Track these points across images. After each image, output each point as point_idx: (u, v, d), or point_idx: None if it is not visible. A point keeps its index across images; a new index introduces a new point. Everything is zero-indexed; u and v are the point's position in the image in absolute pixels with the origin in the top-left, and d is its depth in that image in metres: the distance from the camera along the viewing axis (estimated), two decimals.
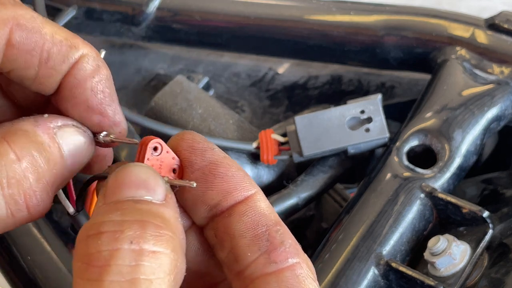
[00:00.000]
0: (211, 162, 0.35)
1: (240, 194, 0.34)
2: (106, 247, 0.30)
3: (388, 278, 0.51)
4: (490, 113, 0.59)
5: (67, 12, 0.71)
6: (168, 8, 0.73)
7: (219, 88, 0.75)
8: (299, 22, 0.69)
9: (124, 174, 0.33)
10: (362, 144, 0.57)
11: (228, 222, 0.34)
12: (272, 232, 0.34)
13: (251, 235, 0.34)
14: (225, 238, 0.34)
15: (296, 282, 0.33)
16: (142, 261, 0.30)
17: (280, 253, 0.33)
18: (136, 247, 0.30)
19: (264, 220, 0.34)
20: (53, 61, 0.36)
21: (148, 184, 0.33)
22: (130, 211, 0.32)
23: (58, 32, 0.36)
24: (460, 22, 0.64)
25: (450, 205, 0.53)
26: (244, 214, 0.34)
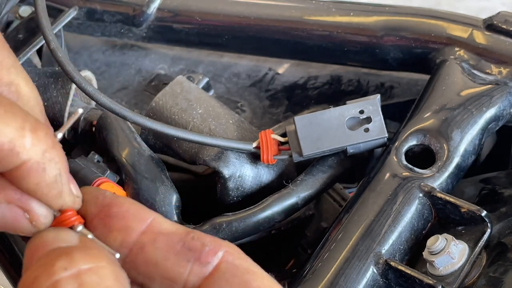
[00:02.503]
0: (104, 205, 0.35)
1: (140, 225, 0.35)
2: (46, 283, 0.31)
3: (387, 277, 0.51)
4: (489, 113, 0.59)
5: (68, 12, 0.72)
6: (169, 9, 0.73)
7: (219, 88, 0.76)
8: (299, 22, 0.69)
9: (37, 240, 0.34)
10: (361, 144, 0.57)
11: (145, 254, 0.35)
12: (189, 242, 0.34)
13: (173, 255, 0.34)
14: (151, 270, 0.35)
15: (235, 268, 0.34)
16: (84, 278, 0.31)
17: (207, 253, 0.34)
18: (73, 270, 0.31)
19: (176, 237, 0.35)
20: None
21: (60, 237, 0.34)
22: (53, 253, 0.33)
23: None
24: (459, 23, 0.64)
25: (449, 205, 0.53)
26: (156, 241, 0.35)
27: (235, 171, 0.58)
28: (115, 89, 0.76)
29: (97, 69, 0.78)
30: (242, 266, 0.34)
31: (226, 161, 0.58)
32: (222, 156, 0.59)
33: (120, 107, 0.56)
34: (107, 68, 0.78)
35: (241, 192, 0.59)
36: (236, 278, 0.34)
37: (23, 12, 0.74)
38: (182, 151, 0.61)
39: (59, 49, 0.58)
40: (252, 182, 0.59)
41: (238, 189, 0.59)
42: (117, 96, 0.75)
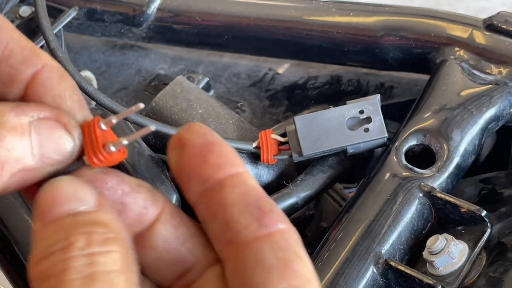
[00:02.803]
0: (209, 141, 0.37)
1: (231, 169, 0.36)
2: (59, 259, 0.32)
3: (387, 277, 0.51)
4: (489, 113, 0.59)
5: (68, 12, 0.72)
6: (169, 9, 0.73)
7: (219, 88, 0.76)
8: (299, 22, 0.69)
9: (53, 190, 0.34)
10: (361, 144, 0.57)
11: (220, 194, 0.36)
12: (262, 202, 0.36)
13: (243, 204, 0.35)
14: (218, 209, 0.36)
15: (286, 244, 0.34)
16: (96, 259, 0.32)
17: (271, 218, 0.35)
18: (87, 251, 0.32)
19: (254, 192, 0.36)
20: (14, 60, 0.36)
21: (78, 196, 0.34)
22: (72, 226, 0.33)
23: (24, 39, 0.37)
24: (459, 23, 0.64)
25: (449, 205, 0.53)
26: (236, 186, 0.36)
27: None
28: (115, 89, 0.76)
29: (97, 69, 0.78)
30: (293, 246, 0.35)
31: None
32: None
33: (120, 107, 0.56)
34: (107, 68, 0.78)
35: None
36: (281, 252, 0.34)
37: (23, 12, 0.74)
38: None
39: (59, 49, 0.58)
40: None
41: None
42: (117, 96, 0.75)
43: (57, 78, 0.37)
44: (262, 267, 0.34)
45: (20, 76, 0.37)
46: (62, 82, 0.37)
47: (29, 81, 0.37)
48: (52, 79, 0.37)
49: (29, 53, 0.37)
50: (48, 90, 0.37)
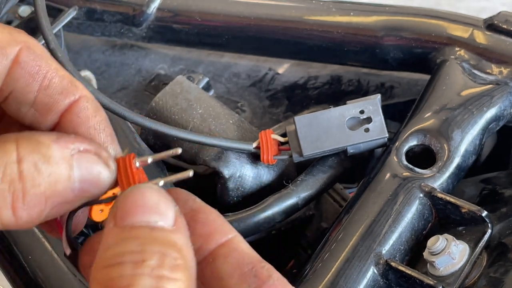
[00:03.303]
0: (192, 209, 0.36)
1: (221, 237, 0.36)
2: (128, 272, 0.31)
3: (388, 277, 0.51)
4: (489, 113, 0.59)
5: (68, 12, 0.72)
6: (169, 9, 0.73)
7: (219, 88, 0.76)
8: (299, 22, 0.69)
9: (136, 196, 0.34)
10: (361, 144, 0.57)
11: (214, 266, 0.35)
12: (258, 268, 0.35)
13: (239, 274, 0.35)
14: (213, 282, 0.35)
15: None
16: (163, 284, 0.31)
17: (269, 286, 0.34)
18: (157, 273, 0.31)
19: (248, 259, 0.35)
20: (52, 90, 0.37)
21: (159, 209, 0.34)
22: (148, 240, 0.33)
23: (62, 69, 0.38)
24: (459, 23, 0.64)
25: (449, 205, 0.53)
26: (229, 256, 0.35)
27: (235, 171, 0.58)
28: (115, 89, 0.76)
29: (97, 69, 0.78)
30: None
31: (226, 161, 0.58)
32: (222, 156, 0.58)
33: (120, 107, 0.56)
34: (107, 68, 0.78)
35: (241, 192, 0.59)
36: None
37: (23, 12, 0.74)
38: (182, 151, 0.61)
39: (58, 49, 0.58)
40: (252, 182, 0.59)
41: (238, 189, 0.59)
42: (117, 96, 0.75)
43: (93, 110, 0.37)
44: None
45: (57, 106, 0.37)
46: (97, 114, 0.38)
47: (65, 110, 0.37)
48: (88, 110, 0.37)
49: (67, 83, 0.37)
50: (83, 121, 0.37)
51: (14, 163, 0.34)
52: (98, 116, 0.38)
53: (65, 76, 0.37)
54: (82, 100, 0.37)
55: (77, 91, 0.37)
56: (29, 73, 0.36)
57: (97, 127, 0.37)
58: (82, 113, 0.37)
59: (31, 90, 0.37)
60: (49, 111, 0.37)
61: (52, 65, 0.37)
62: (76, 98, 0.37)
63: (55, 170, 0.34)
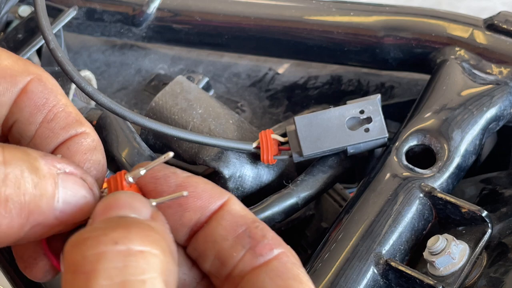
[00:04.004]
0: (178, 185, 0.35)
1: (214, 204, 0.35)
2: (91, 251, 0.29)
3: (388, 277, 0.51)
4: (489, 113, 0.59)
5: (68, 12, 0.72)
6: (168, 9, 0.73)
7: (219, 88, 0.76)
8: (299, 22, 0.69)
9: (110, 199, 0.33)
10: (361, 144, 0.57)
11: (208, 231, 0.35)
12: (252, 229, 0.34)
13: (233, 236, 0.34)
14: (208, 246, 0.35)
15: (285, 270, 0.33)
16: (130, 261, 0.29)
17: (264, 245, 0.34)
18: (122, 247, 0.29)
19: (242, 220, 0.35)
20: (55, 124, 0.36)
21: (133, 205, 0.33)
22: (115, 220, 0.32)
23: (71, 106, 0.37)
24: (459, 23, 0.64)
25: (449, 205, 0.53)
26: (222, 219, 0.35)
27: (235, 171, 0.58)
28: (115, 89, 0.76)
29: (97, 69, 0.78)
30: (292, 270, 0.34)
31: (226, 161, 0.58)
32: (222, 156, 0.58)
33: (120, 107, 0.56)
34: (107, 68, 0.78)
35: (241, 192, 0.59)
36: (280, 280, 0.33)
37: (23, 12, 0.74)
38: (182, 151, 0.61)
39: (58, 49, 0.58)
40: (252, 182, 0.59)
41: (238, 189, 0.59)
42: (117, 96, 0.75)
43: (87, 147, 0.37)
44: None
45: (56, 141, 0.36)
46: (89, 152, 0.37)
47: (62, 143, 0.36)
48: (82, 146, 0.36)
49: (72, 120, 0.37)
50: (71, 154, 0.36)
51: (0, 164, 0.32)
52: (89, 154, 0.37)
53: (72, 113, 0.37)
54: (80, 136, 0.37)
55: (81, 127, 0.37)
56: (35, 104, 0.36)
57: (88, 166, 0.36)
58: (73, 146, 0.36)
59: (33, 121, 0.36)
60: (47, 145, 0.36)
61: (61, 100, 0.37)
62: (76, 133, 0.37)
63: (41, 183, 0.33)
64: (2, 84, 0.35)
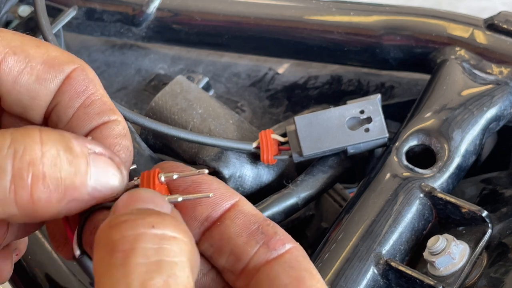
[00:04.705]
0: (193, 181, 0.38)
1: (226, 203, 0.38)
2: (130, 232, 0.32)
3: (388, 277, 0.51)
4: (489, 113, 0.59)
5: (68, 12, 0.72)
6: (168, 9, 0.73)
7: (219, 88, 0.76)
8: (299, 22, 0.69)
9: (132, 194, 0.35)
10: (361, 144, 0.57)
11: (222, 228, 0.37)
12: (264, 226, 0.37)
13: (247, 233, 0.37)
14: (223, 243, 0.37)
15: (297, 262, 0.36)
16: (165, 244, 0.32)
17: (276, 241, 0.36)
18: (158, 231, 0.32)
19: (254, 219, 0.38)
20: (91, 109, 0.39)
21: (155, 201, 0.35)
22: (145, 210, 0.34)
23: (107, 97, 0.40)
24: (460, 23, 0.64)
25: (450, 205, 0.53)
26: (235, 218, 0.38)
27: (235, 171, 0.58)
28: (114, 89, 0.76)
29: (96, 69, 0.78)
30: (303, 263, 0.36)
31: (226, 161, 0.58)
32: (222, 156, 0.58)
33: (120, 107, 0.56)
34: (106, 68, 0.78)
35: (241, 192, 0.59)
36: (293, 271, 0.35)
37: (23, 11, 0.74)
38: (182, 151, 0.61)
39: None
40: (252, 182, 0.59)
41: (238, 189, 0.59)
42: (117, 96, 0.75)
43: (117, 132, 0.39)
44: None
45: (89, 125, 0.39)
46: (119, 137, 0.39)
47: (92, 129, 0.39)
48: (113, 131, 0.39)
49: (107, 108, 0.39)
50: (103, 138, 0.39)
51: (37, 144, 0.34)
52: (119, 139, 0.39)
53: (107, 102, 0.40)
54: (113, 123, 0.39)
55: (114, 115, 0.39)
56: (75, 90, 0.39)
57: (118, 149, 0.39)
58: (105, 131, 0.39)
59: (72, 105, 0.39)
60: (80, 128, 0.39)
61: (99, 90, 0.40)
62: (109, 120, 0.39)
63: (75, 161, 0.35)
64: (52, 72, 0.39)
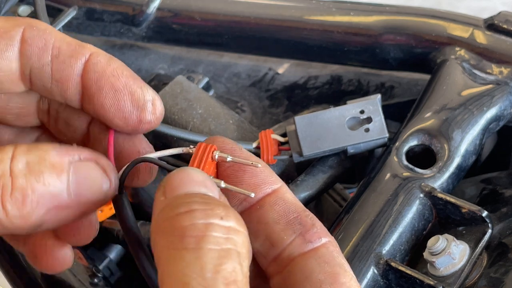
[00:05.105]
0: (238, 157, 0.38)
1: (267, 187, 0.38)
2: (201, 220, 0.32)
3: (388, 277, 0.51)
4: (489, 113, 0.59)
5: (68, 12, 0.72)
6: (168, 9, 0.73)
7: (219, 88, 0.76)
8: (299, 22, 0.69)
9: (183, 174, 0.36)
10: (361, 144, 0.57)
11: (261, 212, 0.38)
12: (303, 217, 0.37)
13: (285, 221, 0.37)
14: (260, 227, 0.37)
15: (331, 257, 0.36)
16: (231, 234, 0.33)
17: (313, 233, 0.37)
18: (226, 223, 0.33)
19: (294, 208, 0.37)
20: (63, 55, 0.39)
21: (206, 184, 0.35)
22: (208, 198, 0.34)
23: (68, 37, 0.40)
24: (459, 23, 0.64)
25: (450, 205, 0.53)
26: (275, 204, 0.37)
27: None
28: None
29: None
30: (338, 259, 0.36)
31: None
32: None
33: None
34: None
35: None
36: (328, 266, 0.35)
37: (23, 11, 0.74)
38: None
39: None
40: None
41: None
42: None
43: (106, 61, 0.39)
44: (310, 282, 0.35)
45: (73, 70, 0.39)
46: (111, 63, 0.39)
47: (83, 73, 0.39)
48: (101, 62, 0.39)
49: (75, 47, 0.39)
50: (100, 74, 0.38)
51: (8, 159, 0.35)
52: (113, 64, 0.39)
53: (72, 42, 0.39)
54: (93, 56, 0.39)
55: (86, 50, 0.39)
56: (37, 47, 0.39)
57: (115, 73, 0.39)
58: (97, 67, 0.39)
59: (45, 62, 0.39)
60: (68, 78, 0.39)
61: (58, 36, 0.39)
62: (87, 57, 0.39)
63: (48, 173, 0.36)
64: (1, 42, 0.38)
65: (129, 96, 0.38)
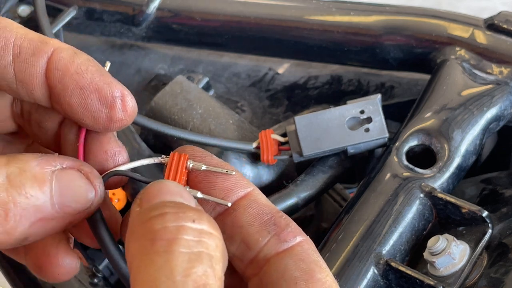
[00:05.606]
0: (211, 165, 0.38)
1: (240, 191, 0.38)
2: (172, 223, 0.32)
3: (388, 277, 0.51)
4: (490, 113, 0.59)
5: (67, 12, 0.71)
6: (168, 9, 0.73)
7: (219, 88, 0.76)
8: (299, 22, 0.69)
9: (160, 185, 0.35)
10: (361, 144, 0.57)
11: (235, 216, 0.37)
12: (277, 218, 0.37)
13: (259, 223, 0.37)
14: (234, 231, 0.37)
15: (306, 255, 0.36)
16: (204, 238, 0.32)
17: (288, 233, 0.37)
18: (198, 226, 0.33)
19: (267, 209, 0.37)
20: (25, 54, 0.37)
21: (183, 195, 0.35)
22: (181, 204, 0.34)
23: (31, 33, 0.37)
24: (460, 23, 0.64)
25: (450, 205, 0.53)
26: (249, 207, 0.37)
27: None
28: None
29: None
30: (313, 256, 0.36)
31: (226, 161, 0.58)
32: (222, 156, 0.58)
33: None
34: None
35: None
36: (303, 263, 0.35)
37: (22, 11, 0.74)
38: None
39: None
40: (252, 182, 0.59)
41: None
42: None
43: (69, 57, 0.37)
44: (286, 280, 0.35)
45: (35, 69, 0.37)
46: (75, 59, 0.37)
47: (46, 71, 0.37)
48: (64, 59, 0.37)
49: (37, 43, 0.37)
50: (64, 72, 0.37)
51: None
52: (76, 59, 0.37)
53: (35, 38, 0.37)
54: (56, 53, 0.37)
55: (48, 46, 0.37)
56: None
57: (79, 70, 0.37)
58: (59, 64, 0.37)
59: (6, 63, 0.37)
60: (31, 78, 0.37)
61: (19, 32, 0.37)
62: (50, 54, 0.37)
63: (30, 184, 0.35)
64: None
65: (95, 93, 0.36)
